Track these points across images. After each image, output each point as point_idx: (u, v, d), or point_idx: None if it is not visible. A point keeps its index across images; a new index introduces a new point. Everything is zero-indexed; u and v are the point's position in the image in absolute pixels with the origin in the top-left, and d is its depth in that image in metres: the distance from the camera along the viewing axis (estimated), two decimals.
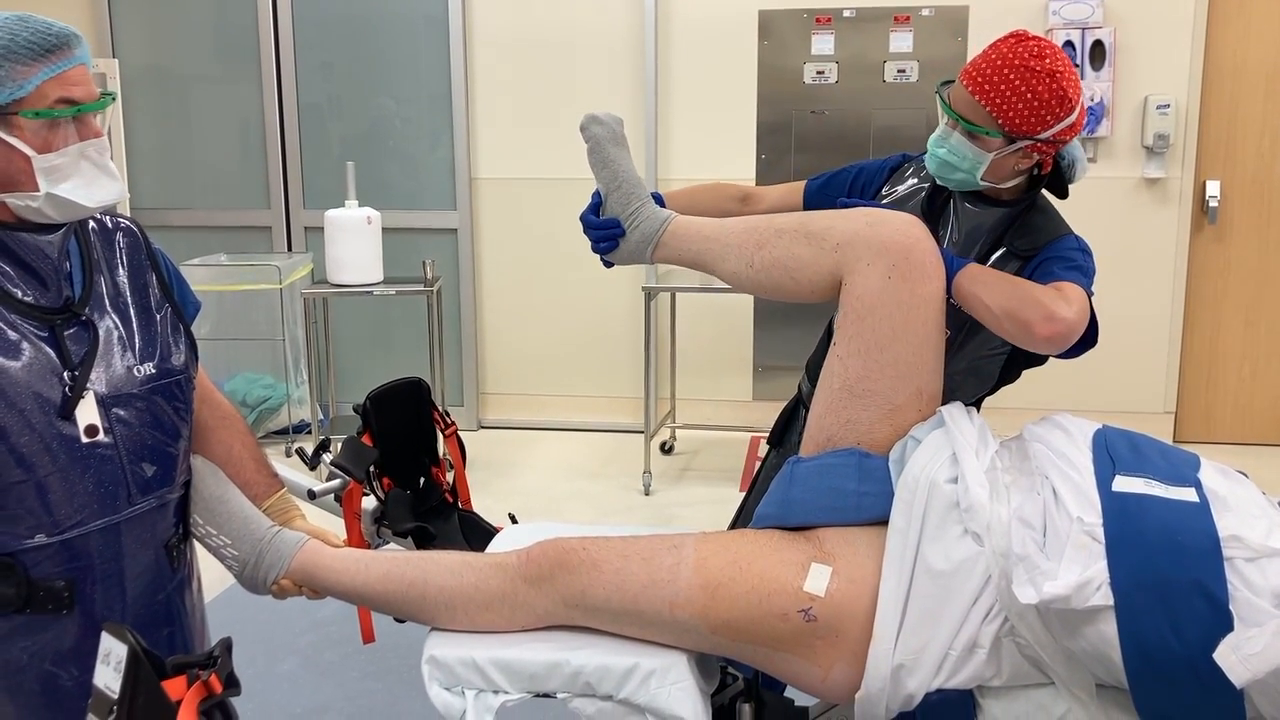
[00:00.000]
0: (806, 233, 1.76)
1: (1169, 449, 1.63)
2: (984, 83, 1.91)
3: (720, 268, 1.85)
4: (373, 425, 2.16)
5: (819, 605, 1.58)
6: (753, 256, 1.80)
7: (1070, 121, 1.93)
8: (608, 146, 1.90)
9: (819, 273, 1.75)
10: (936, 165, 2.02)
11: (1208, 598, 1.40)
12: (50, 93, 1.47)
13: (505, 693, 1.62)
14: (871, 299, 1.69)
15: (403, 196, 5.63)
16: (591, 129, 1.90)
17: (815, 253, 1.74)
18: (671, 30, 5.33)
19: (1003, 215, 2.06)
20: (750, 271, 1.81)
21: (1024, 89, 1.89)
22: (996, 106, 1.90)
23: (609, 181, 1.91)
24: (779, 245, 1.78)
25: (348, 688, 3.12)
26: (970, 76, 1.94)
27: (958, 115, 1.94)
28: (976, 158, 1.95)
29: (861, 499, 1.67)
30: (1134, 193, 5.12)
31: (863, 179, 2.28)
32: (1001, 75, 1.90)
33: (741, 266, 1.81)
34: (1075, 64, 4.96)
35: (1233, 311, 5.24)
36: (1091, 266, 1.98)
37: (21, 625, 1.54)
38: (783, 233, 1.79)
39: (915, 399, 1.72)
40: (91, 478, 1.55)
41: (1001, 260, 2.05)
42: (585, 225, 1.97)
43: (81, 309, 1.59)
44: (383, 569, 1.73)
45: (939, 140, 1.99)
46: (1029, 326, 1.78)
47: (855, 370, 1.71)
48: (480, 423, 5.76)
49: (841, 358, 1.73)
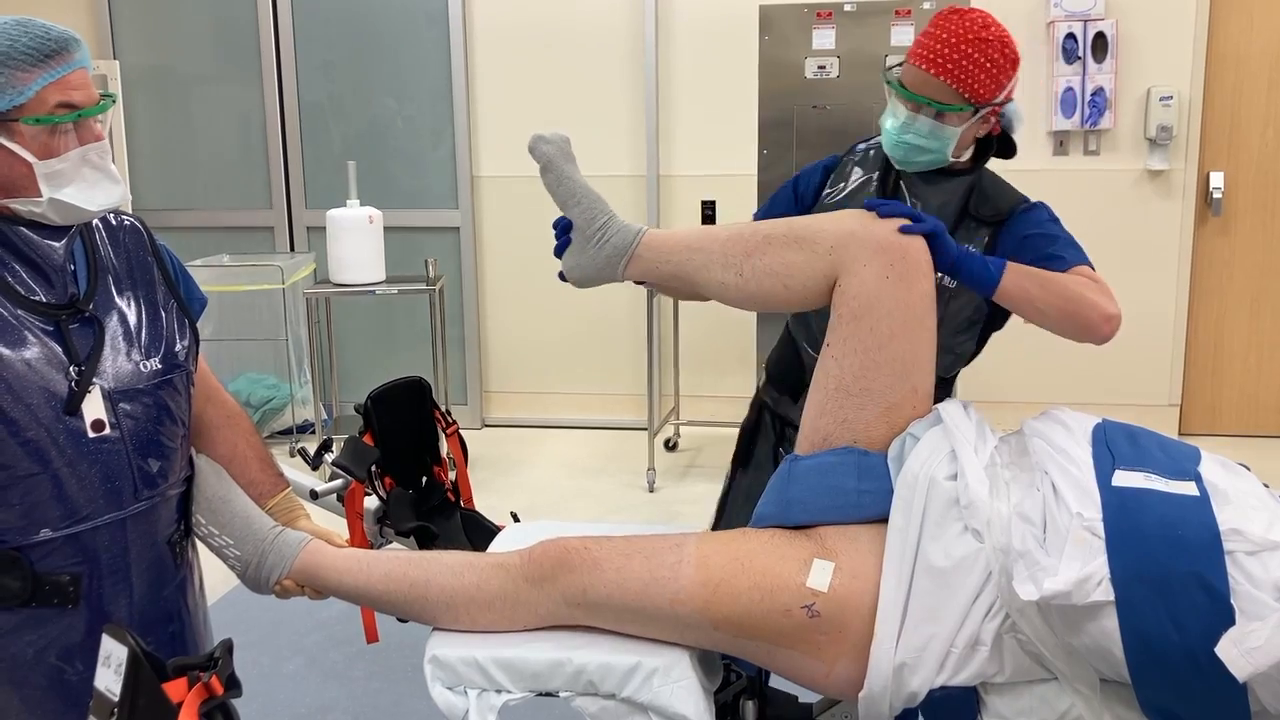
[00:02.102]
0: (796, 237, 1.73)
1: (1168, 442, 1.63)
2: (944, 61, 1.96)
3: (704, 278, 1.78)
4: (374, 425, 2.16)
5: (822, 601, 1.58)
6: (741, 265, 1.75)
7: (1016, 78, 2.04)
8: (561, 164, 1.84)
9: (813, 277, 1.72)
10: (904, 152, 2.05)
11: (1209, 591, 1.39)
12: (50, 98, 1.47)
13: (508, 692, 1.63)
14: (869, 299, 1.69)
15: (404, 195, 5.63)
16: (541, 148, 1.84)
17: (808, 257, 1.71)
18: (672, 26, 5.32)
19: (964, 185, 2.11)
20: (740, 281, 1.75)
21: (983, 59, 1.96)
22: (961, 82, 1.96)
23: (567, 198, 1.83)
24: (769, 252, 1.73)
25: (352, 687, 3.12)
26: (927, 59, 1.98)
27: (924, 98, 1.98)
28: (947, 136, 2.01)
29: (861, 497, 1.67)
30: (1137, 185, 5.11)
31: (801, 187, 2.27)
32: (960, 51, 1.96)
33: (730, 276, 1.75)
34: (1078, 56, 4.96)
35: (1237, 303, 5.23)
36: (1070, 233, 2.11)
37: (27, 619, 1.55)
38: (771, 239, 1.74)
39: (911, 396, 1.72)
40: (98, 472, 1.56)
41: (970, 230, 2.11)
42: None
43: (87, 305, 1.60)
44: (384, 569, 1.73)
45: (902, 128, 2.03)
46: (1092, 328, 1.92)
47: (851, 370, 1.71)
48: (484, 421, 5.76)
49: (837, 359, 1.72)
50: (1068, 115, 5.02)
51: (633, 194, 5.36)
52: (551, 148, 1.83)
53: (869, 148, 2.25)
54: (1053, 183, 5.11)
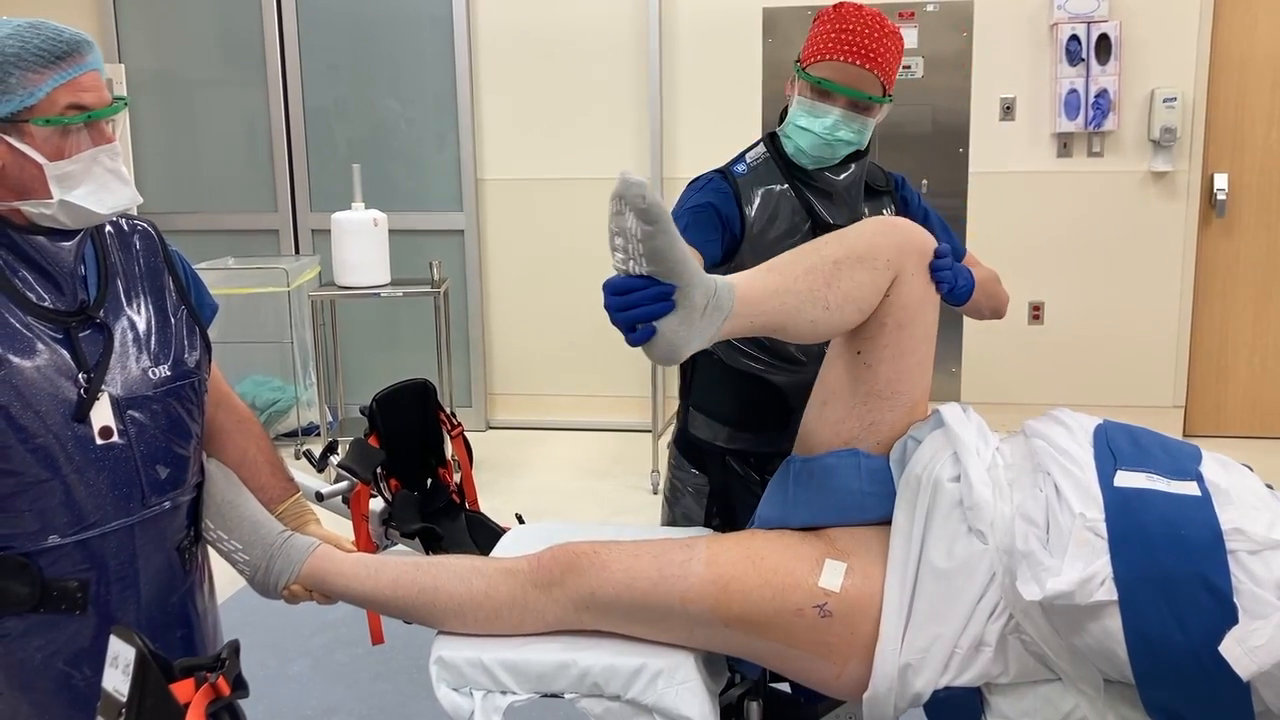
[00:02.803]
0: (857, 256, 1.65)
1: (1170, 442, 1.63)
2: (874, 55, 1.97)
3: (796, 321, 1.59)
4: (379, 427, 2.17)
5: (834, 601, 1.58)
6: (826, 297, 1.61)
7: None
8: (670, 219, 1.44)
9: (878, 294, 1.67)
10: (833, 150, 2.03)
11: (1211, 591, 1.39)
12: (61, 99, 1.47)
13: (513, 693, 1.62)
14: (916, 306, 1.72)
15: (409, 198, 5.64)
16: (651, 197, 1.39)
17: (872, 275, 1.66)
18: (676, 28, 5.33)
19: (861, 165, 2.12)
20: (827, 314, 1.62)
21: (894, 50, 1.99)
22: (886, 74, 1.99)
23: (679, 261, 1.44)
24: (842, 276, 1.63)
25: (358, 689, 3.13)
26: (858, 54, 1.96)
27: (864, 94, 1.98)
28: (869, 127, 2.04)
29: (865, 499, 1.68)
30: (1141, 187, 5.11)
31: (724, 213, 2.05)
32: (882, 44, 1.97)
33: (819, 312, 1.60)
34: (1081, 58, 4.96)
35: (1242, 304, 5.22)
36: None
37: (36, 624, 1.55)
38: (839, 262, 1.63)
39: (926, 393, 1.76)
40: (106, 479, 1.56)
41: (877, 203, 2.16)
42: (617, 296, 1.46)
43: (96, 311, 1.59)
44: (392, 575, 1.73)
45: (834, 126, 2.00)
46: (1003, 309, 2.15)
47: (885, 375, 1.72)
48: (489, 423, 5.77)
49: (870, 365, 1.72)
50: (1071, 117, 5.02)
51: None
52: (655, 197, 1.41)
53: (755, 162, 2.12)
54: (1056, 185, 5.11)
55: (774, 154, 2.12)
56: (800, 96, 2.05)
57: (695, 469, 2.25)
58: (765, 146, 2.14)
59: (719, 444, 2.20)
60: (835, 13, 2.00)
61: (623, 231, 1.42)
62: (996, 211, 5.08)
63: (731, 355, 2.15)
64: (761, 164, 2.12)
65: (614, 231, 1.43)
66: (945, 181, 4.73)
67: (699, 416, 2.22)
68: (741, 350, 2.13)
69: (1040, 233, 5.13)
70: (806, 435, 1.81)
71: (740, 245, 2.06)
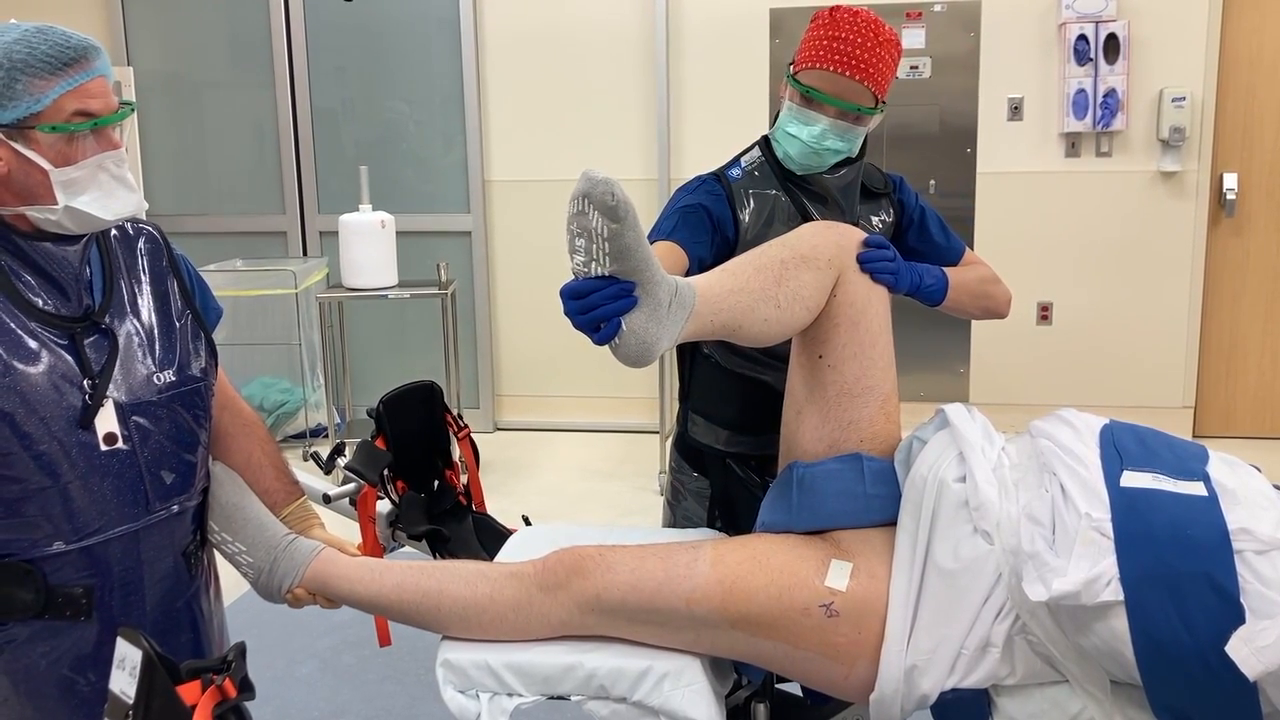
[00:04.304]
0: (801, 257, 1.68)
1: (1176, 442, 1.63)
2: (865, 66, 1.94)
3: (750, 319, 1.61)
4: (386, 429, 2.17)
5: (840, 600, 1.58)
6: (776, 295, 1.64)
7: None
8: (636, 216, 1.46)
9: (823, 293, 1.71)
10: (821, 159, 2.02)
11: (1218, 591, 1.39)
12: (68, 105, 1.46)
13: (519, 695, 1.62)
14: (862, 303, 1.73)
15: (416, 200, 5.65)
16: (618, 193, 1.41)
17: (816, 275, 1.69)
18: (683, 29, 5.33)
19: (856, 169, 2.10)
20: (779, 313, 1.64)
21: (889, 59, 1.97)
22: (878, 84, 1.96)
23: (645, 260, 1.46)
24: (790, 277, 1.65)
25: (365, 690, 3.13)
26: (849, 64, 1.93)
27: (852, 105, 1.96)
28: (859, 136, 2.03)
29: (870, 501, 1.68)
30: (1150, 186, 5.09)
31: (716, 215, 2.04)
32: (875, 54, 1.94)
33: (771, 310, 1.63)
34: (1090, 58, 4.95)
35: (1252, 304, 5.21)
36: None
37: (40, 631, 1.55)
38: (785, 262, 1.67)
39: (895, 384, 1.78)
40: (110, 485, 1.55)
41: (874, 205, 2.15)
42: (575, 300, 1.46)
43: (101, 317, 1.59)
44: (396, 579, 1.72)
45: (822, 135, 1.99)
46: (999, 313, 2.15)
47: (852, 373, 1.73)
48: (495, 424, 5.78)
49: (834, 366, 1.73)
50: (1080, 117, 5.00)
51: (644, 197, 5.37)
52: (623, 193, 1.42)
53: (750, 165, 2.12)
54: (1065, 185, 5.10)
55: (768, 157, 2.11)
56: (790, 102, 2.03)
57: (696, 472, 2.25)
58: (760, 150, 2.13)
59: (719, 447, 2.19)
60: (830, 18, 1.96)
61: (586, 231, 1.42)
62: (1004, 212, 5.08)
63: (728, 357, 2.15)
64: (756, 167, 2.12)
65: (575, 232, 1.43)
66: (953, 181, 4.73)
67: (698, 420, 2.22)
68: (737, 351, 2.13)
69: (1048, 233, 5.12)
70: (789, 447, 1.81)
71: (734, 249, 2.04)
